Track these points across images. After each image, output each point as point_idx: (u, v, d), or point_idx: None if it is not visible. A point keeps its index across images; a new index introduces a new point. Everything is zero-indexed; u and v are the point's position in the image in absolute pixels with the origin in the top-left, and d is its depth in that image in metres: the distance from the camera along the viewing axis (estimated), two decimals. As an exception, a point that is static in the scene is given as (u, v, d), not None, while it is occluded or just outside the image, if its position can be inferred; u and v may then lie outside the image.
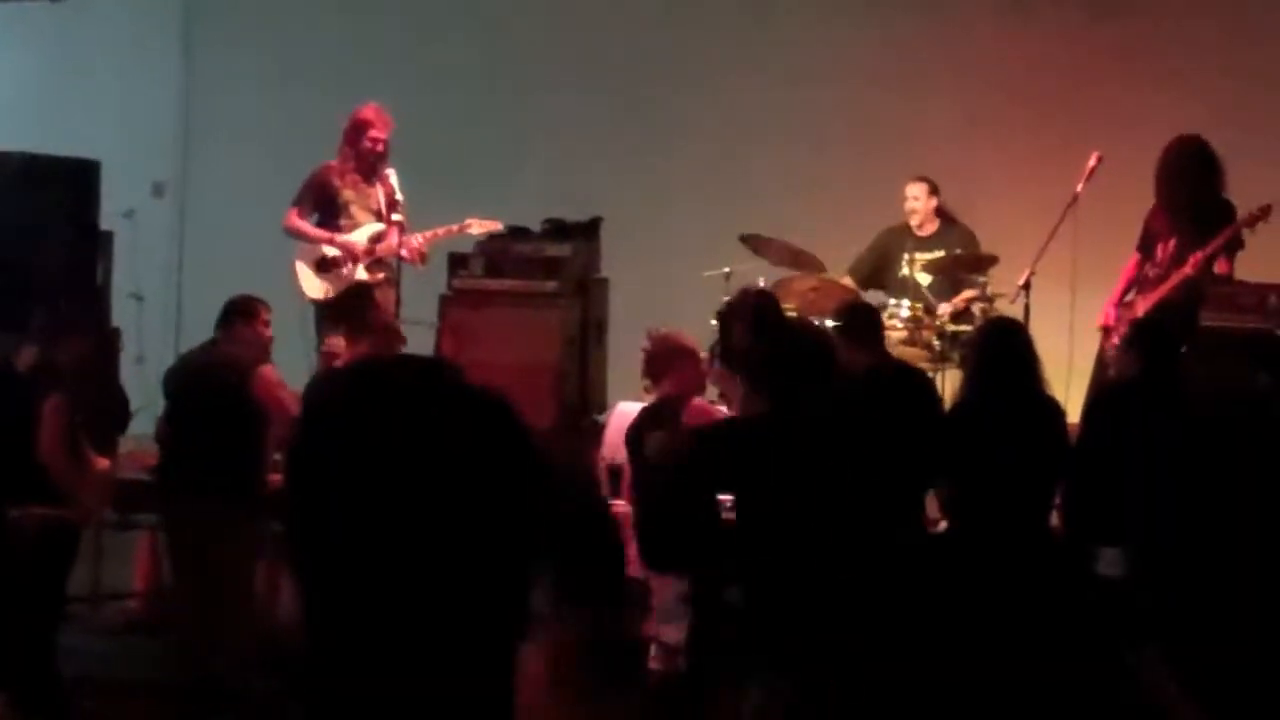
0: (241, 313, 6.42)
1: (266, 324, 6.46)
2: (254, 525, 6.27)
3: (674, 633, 5.46)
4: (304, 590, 1.51)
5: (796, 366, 4.65)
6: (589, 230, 8.72)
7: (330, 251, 7.81)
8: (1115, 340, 7.03)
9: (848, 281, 8.26)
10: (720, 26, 10.02)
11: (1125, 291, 7.20)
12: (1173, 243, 7.00)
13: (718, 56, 9.97)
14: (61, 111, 10.56)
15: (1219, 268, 6.90)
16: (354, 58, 10.30)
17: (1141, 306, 7.01)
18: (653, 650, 5.53)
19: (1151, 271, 7.08)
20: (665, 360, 5.70)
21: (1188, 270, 6.85)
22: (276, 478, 6.14)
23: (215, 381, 6.19)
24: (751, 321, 6.08)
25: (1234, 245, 6.92)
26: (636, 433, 5.76)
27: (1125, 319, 7.07)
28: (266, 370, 6.29)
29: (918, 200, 8.39)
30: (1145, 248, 7.18)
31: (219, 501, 6.02)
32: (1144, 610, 4.89)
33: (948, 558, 5.56)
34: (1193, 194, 6.91)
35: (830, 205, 9.28)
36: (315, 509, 1.51)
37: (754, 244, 8.16)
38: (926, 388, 6.29)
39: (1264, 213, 6.76)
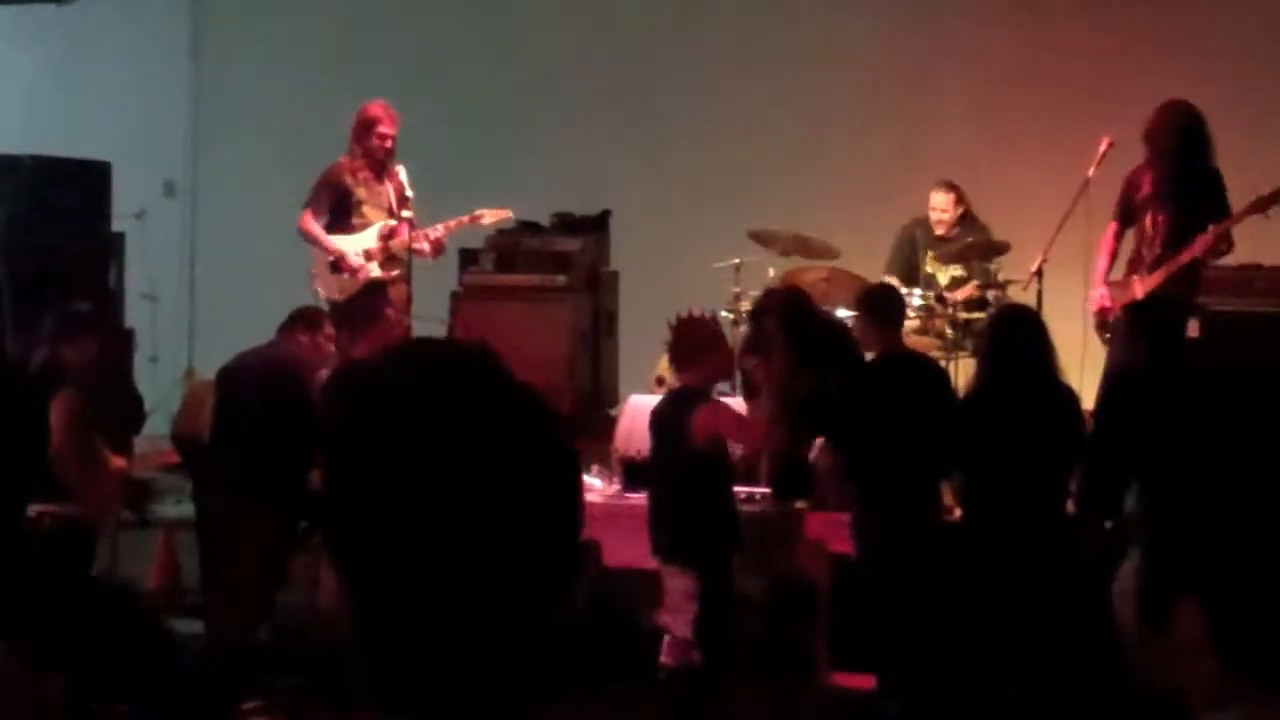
0: (306, 320, 6.44)
1: (329, 338, 6.48)
2: (293, 523, 6.31)
3: (683, 625, 5.44)
4: (350, 582, 1.52)
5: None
6: (599, 224, 8.73)
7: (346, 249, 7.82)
8: (1117, 319, 6.97)
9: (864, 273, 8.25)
10: (728, 18, 10.01)
11: (1108, 269, 7.08)
12: (1164, 217, 6.86)
13: (725, 48, 9.95)
14: (72, 113, 10.59)
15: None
16: (363, 55, 10.31)
17: (1141, 288, 6.90)
18: (665, 642, 5.52)
19: (1146, 252, 6.94)
20: (690, 350, 5.60)
21: (1196, 251, 6.75)
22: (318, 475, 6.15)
23: (276, 379, 6.17)
24: (782, 314, 6.32)
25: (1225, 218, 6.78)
26: (664, 419, 5.67)
27: (1121, 300, 6.97)
28: (323, 377, 6.31)
29: (945, 212, 8.35)
30: (1126, 218, 7.04)
31: (266, 498, 6.00)
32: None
33: (962, 546, 5.55)
34: (1186, 163, 6.79)
35: (840, 195, 9.27)
36: (360, 500, 1.51)
37: (762, 238, 8.14)
38: (939, 375, 6.28)
39: (1276, 196, 6.69)
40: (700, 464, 5.48)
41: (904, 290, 7.98)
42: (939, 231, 8.34)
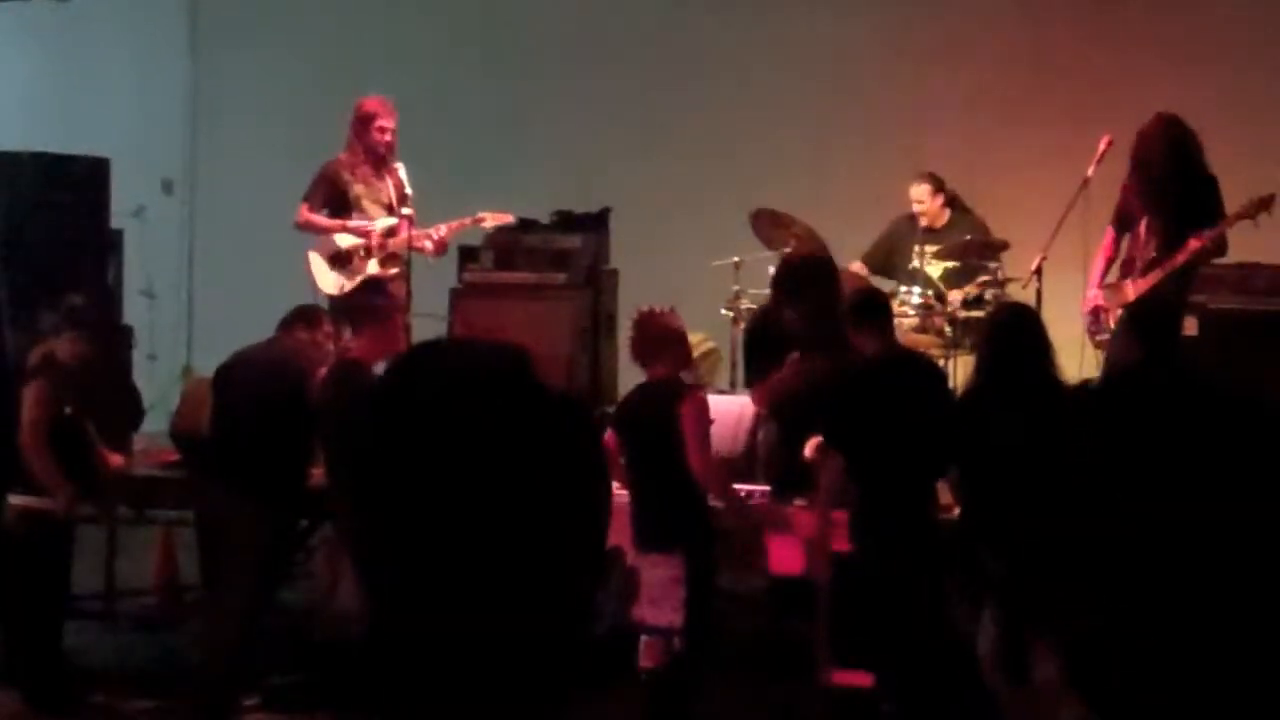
0: (305, 318, 6.44)
1: (328, 335, 6.48)
2: (292, 521, 6.31)
3: (665, 614, 5.45)
4: (370, 581, 1.50)
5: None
6: (598, 222, 8.71)
7: (344, 244, 7.80)
8: (1107, 322, 6.98)
9: (857, 267, 8.23)
10: (726, 14, 10.01)
11: (1105, 272, 7.11)
12: (1158, 224, 6.88)
13: (724, 45, 9.96)
14: (71, 110, 10.59)
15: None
16: (361, 52, 10.30)
17: (1134, 290, 6.92)
18: (642, 644, 5.51)
19: (1138, 255, 6.97)
20: (657, 344, 5.74)
21: (1189, 254, 6.76)
22: (318, 473, 6.16)
23: (275, 377, 6.17)
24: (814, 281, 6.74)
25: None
26: (648, 407, 5.73)
27: (1115, 302, 6.99)
28: (322, 374, 6.32)
29: (921, 203, 8.34)
30: (1122, 225, 7.07)
31: (265, 496, 6.00)
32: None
33: (961, 545, 5.56)
34: (1175, 174, 6.81)
35: (839, 193, 9.27)
36: (383, 500, 1.49)
37: (774, 220, 8.12)
38: (937, 374, 6.29)
39: (1265, 202, 6.70)
40: (685, 451, 5.56)
41: (902, 288, 8.00)
42: (924, 223, 8.32)
